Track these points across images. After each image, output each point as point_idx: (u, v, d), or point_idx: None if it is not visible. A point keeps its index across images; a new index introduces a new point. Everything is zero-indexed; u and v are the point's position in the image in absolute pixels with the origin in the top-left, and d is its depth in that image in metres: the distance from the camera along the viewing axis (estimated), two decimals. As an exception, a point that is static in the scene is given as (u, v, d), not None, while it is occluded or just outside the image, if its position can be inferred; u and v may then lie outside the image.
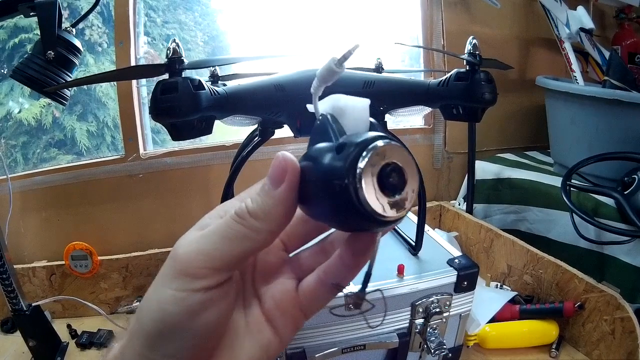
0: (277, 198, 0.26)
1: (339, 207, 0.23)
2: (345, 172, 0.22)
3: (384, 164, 0.23)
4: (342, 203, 0.23)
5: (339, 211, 0.24)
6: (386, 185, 0.23)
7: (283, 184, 0.25)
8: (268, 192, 0.26)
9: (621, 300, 0.78)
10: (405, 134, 1.35)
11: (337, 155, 0.23)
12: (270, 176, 0.26)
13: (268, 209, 0.26)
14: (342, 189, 0.22)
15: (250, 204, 0.26)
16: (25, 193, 1.12)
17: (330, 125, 0.26)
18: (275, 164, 0.26)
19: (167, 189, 1.18)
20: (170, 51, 0.60)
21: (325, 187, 0.23)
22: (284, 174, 0.25)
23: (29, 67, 0.73)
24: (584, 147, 1.09)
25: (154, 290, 0.26)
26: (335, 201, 0.23)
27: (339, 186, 0.22)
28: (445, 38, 1.33)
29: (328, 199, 0.24)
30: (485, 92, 0.68)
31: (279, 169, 0.26)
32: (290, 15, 1.35)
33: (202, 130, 0.62)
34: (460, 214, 1.22)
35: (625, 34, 1.35)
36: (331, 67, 0.28)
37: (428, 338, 0.73)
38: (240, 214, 0.26)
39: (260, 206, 0.26)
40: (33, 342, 0.89)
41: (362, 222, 0.23)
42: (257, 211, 0.26)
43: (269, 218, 0.26)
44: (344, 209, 0.23)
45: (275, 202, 0.26)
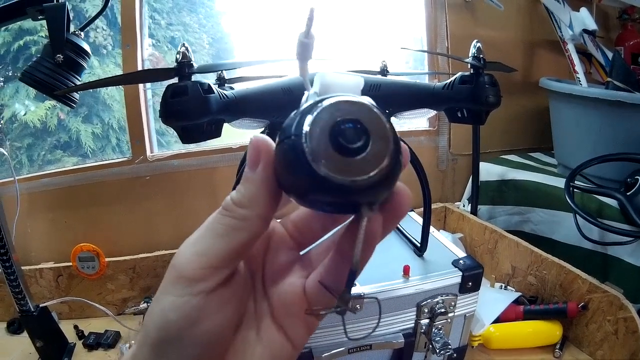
0: (257, 180, 0.25)
1: (293, 172, 0.21)
2: (295, 127, 0.21)
3: (337, 120, 0.20)
4: (295, 166, 0.21)
5: (294, 177, 0.22)
6: (339, 144, 0.20)
7: (259, 164, 0.25)
8: (248, 176, 0.25)
9: (624, 301, 0.79)
10: (410, 136, 1.36)
11: (291, 115, 0.22)
12: (247, 160, 0.25)
13: (251, 193, 0.25)
14: (290, 146, 0.21)
15: (234, 194, 0.25)
16: (32, 195, 1.13)
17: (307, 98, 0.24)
18: (250, 147, 0.25)
19: (174, 191, 1.18)
20: (180, 55, 0.60)
21: (279, 151, 0.22)
22: (259, 153, 0.25)
23: (38, 70, 0.74)
24: (587, 149, 1.10)
25: (157, 298, 0.25)
26: (289, 166, 0.22)
27: (288, 144, 0.21)
28: (449, 40, 1.34)
29: (284, 164, 0.22)
30: (489, 95, 0.68)
31: (253, 150, 0.25)
32: (295, 16, 1.36)
33: (211, 133, 0.63)
34: (465, 215, 1.22)
35: (628, 34, 1.36)
36: (301, 40, 0.27)
37: (433, 338, 0.74)
38: (226, 206, 0.25)
39: (243, 193, 0.25)
40: (40, 342, 0.90)
41: (319, 191, 0.21)
42: (241, 199, 0.25)
43: (253, 203, 0.25)
44: (297, 174, 0.21)
45: (257, 185, 0.25)
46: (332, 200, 0.21)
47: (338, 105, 0.21)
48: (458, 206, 1.34)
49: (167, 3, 1.42)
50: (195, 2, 1.44)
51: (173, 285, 0.25)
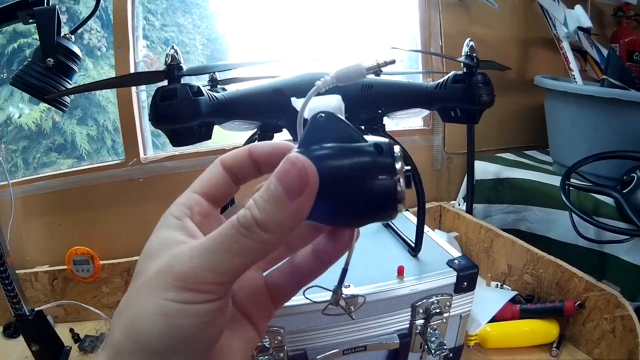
0: (292, 211, 0.23)
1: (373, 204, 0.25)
2: (392, 170, 0.24)
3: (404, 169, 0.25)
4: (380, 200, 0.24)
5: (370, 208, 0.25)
6: (407, 182, 0.25)
7: (302, 197, 0.23)
8: (281, 203, 0.23)
9: (621, 299, 0.79)
10: (404, 135, 1.36)
11: (379, 156, 0.24)
12: (286, 186, 0.23)
13: (280, 220, 0.23)
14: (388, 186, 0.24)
15: (258, 213, 0.23)
16: (26, 198, 1.13)
17: (350, 126, 0.26)
18: (293, 173, 0.23)
19: (168, 193, 1.18)
20: (169, 58, 0.60)
21: (365, 186, 0.24)
22: (304, 186, 0.23)
23: (29, 74, 0.74)
24: (583, 146, 1.09)
25: (148, 305, 0.23)
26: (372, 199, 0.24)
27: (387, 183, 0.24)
28: (443, 39, 1.34)
29: (364, 197, 0.24)
30: (482, 94, 0.68)
31: (298, 180, 0.23)
32: (289, 16, 1.35)
33: (201, 135, 0.63)
34: (460, 214, 1.22)
35: (623, 31, 1.36)
36: (361, 70, 0.28)
37: (429, 338, 0.73)
38: (247, 226, 0.23)
39: (271, 217, 0.23)
40: (36, 346, 0.90)
41: (382, 216, 0.25)
42: (267, 223, 0.23)
43: (280, 231, 0.23)
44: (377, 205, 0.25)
45: (290, 216, 0.23)
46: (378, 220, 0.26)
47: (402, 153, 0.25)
48: (453, 205, 1.34)
49: (161, 4, 1.42)
50: (190, 3, 1.44)
51: (178, 293, 0.23)
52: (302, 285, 0.30)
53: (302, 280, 0.30)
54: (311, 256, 0.29)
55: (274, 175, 0.24)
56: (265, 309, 0.30)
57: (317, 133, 0.26)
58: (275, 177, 0.23)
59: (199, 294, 0.23)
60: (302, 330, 0.68)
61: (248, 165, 0.28)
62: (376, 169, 0.24)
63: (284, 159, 0.24)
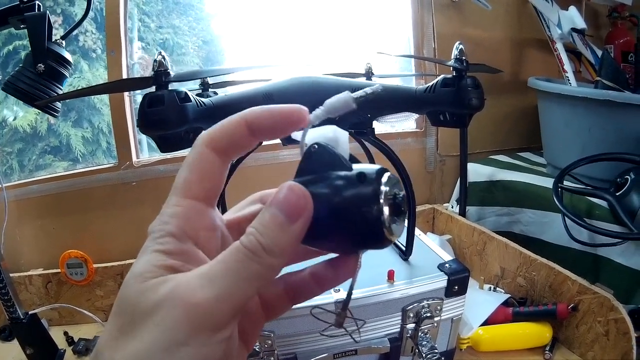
0: (293, 234, 0.24)
1: (357, 232, 0.25)
2: (373, 199, 0.24)
3: (394, 192, 0.25)
4: (362, 228, 0.24)
5: (355, 236, 0.25)
6: (395, 211, 0.25)
7: (300, 220, 0.24)
8: (284, 227, 0.24)
9: (615, 302, 0.78)
10: (397, 138, 1.36)
11: (360, 185, 0.25)
12: (286, 212, 0.24)
13: (284, 244, 0.24)
14: (369, 214, 0.24)
15: (263, 239, 0.23)
16: (20, 201, 1.13)
17: (338, 156, 0.26)
18: (292, 199, 0.24)
19: (161, 196, 1.14)
20: (156, 64, 0.60)
21: (348, 214, 0.24)
22: (303, 210, 0.24)
23: (20, 80, 0.74)
24: (576, 148, 1.09)
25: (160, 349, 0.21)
26: (355, 226, 0.24)
27: (367, 212, 0.24)
28: (436, 40, 1.33)
29: (347, 225, 0.25)
30: (472, 98, 0.68)
31: (297, 206, 0.24)
32: (283, 17, 1.35)
33: (189, 141, 0.63)
34: (453, 216, 1.22)
35: (618, 32, 1.35)
36: (348, 101, 0.27)
37: (420, 342, 0.73)
38: (256, 251, 0.23)
39: (275, 242, 0.24)
40: (30, 349, 0.90)
41: (369, 245, 0.25)
42: (273, 248, 0.23)
43: (284, 254, 0.24)
44: (361, 233, 0.25)
45: (291, 238, 0.24)
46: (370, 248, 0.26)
47: (393, 180, 0.25)
48: (447, 208, 1.33)
49: (156, 6, 1.42)
50: (185, 5, 1.44)
51: (190, 336, 0.21)
52: (296, 303, 0.30)
53: (296, 299, 0.30)
54: (309, 279, 0.29)
55: (274, 203, 0.24)
56: (257, 323, 0.29)
57: (310, 163, 0.27)
58: (276, 204, 0.24)
59: (213, 333, 0.22)
60: (293, 334, 0.68)
61: (244, 137, 0.27)
62: (358, 198, 0.24)
63: (283, 187, 0.25)
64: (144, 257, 0.24)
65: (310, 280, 0.29)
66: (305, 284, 0.29)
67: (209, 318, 0.22)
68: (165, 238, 0.24)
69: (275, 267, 0.24)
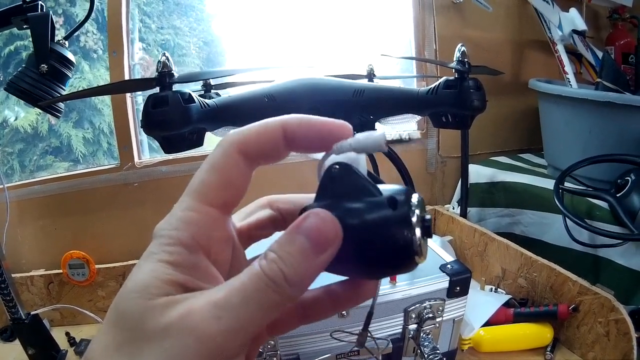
0: (318, 265, 0.22)
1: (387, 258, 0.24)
2: (406, 225, 0.23)
3: (423, 215, 0.24)
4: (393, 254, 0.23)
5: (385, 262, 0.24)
6: (425, 233, 0.24)
7: (328, 251, 0.22)
8: (309, 258, 0.22)
9: (615, 302, 0.79)
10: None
11: (392, 211, 0.24)
12: (314, 241, 0.22)
13: (307, 276, 0.22)
14: (402, 241, 0.23)
15: (286, 269, 0.21)
16: (22, 202, 1.13)
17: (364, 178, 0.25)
18: (322, 229, 0.22)
19: (163, 197, 1.17)
20: (160, 65, 0.60)
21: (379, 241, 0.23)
22: (333, 242, 0.22)
23: (23, 80, 0.74)
24: (577, 150, 1.10)
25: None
26: (385, 253, 0.24)
27: (400, 239, 0.23)
28: (437, 42, 1.33)
29: (377, 251, 0.24)
30: (474, 100, 0.68)
31: (327, 237, 0.22)
32: (284, 18, 1.36)
33: (193, 142, 0.63)
34: (455, 218, 1.22)
35: (618, 34, 1.36)
36: (380, 143, 0.25)
37: (421, 343, 0.73)
38: (277, 281, 0.21)
39: (298, 273, 0.22)
40: (32, 350, 0.90)
41: (399, 270, 0.24)
42: (295, 279, 0.21)
43: (305, 286, 0.22)
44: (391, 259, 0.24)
45: (316, 270, 0.22)
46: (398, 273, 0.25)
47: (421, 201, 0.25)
48: (448, 209, 1.34)
49: (157, 7, 1.42)
50: (186, 6, 1.44)
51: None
52: (305, 322, 0.28)
53: (306, 318, 0.28)
54: (325, 297, 0.27)
55: (303, 231, 0.22)
56: (259, 340, 0.28)
57: (333, 186, 0.25)
58: (304, 232, 0.22)
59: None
60: (295, 334, 0.68)
61: (279, 146, 0.24)
62: (391, 225, 0.23)
63: (310, 213, 0.23)
64: (148, 266, 0.21)
65: (326, 299, 0.27)
66: (319, 304, 0.27)
67: (222, 351, 0.20)
68: (174, 247, 0.22)
69: (293, 298, 0.22)
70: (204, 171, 0.23)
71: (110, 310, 0.21)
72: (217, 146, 0.24)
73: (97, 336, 0.21)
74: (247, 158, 0.23)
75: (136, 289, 0.21)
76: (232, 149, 0.23)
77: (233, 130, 0.24)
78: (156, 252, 0.22)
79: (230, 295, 0.21)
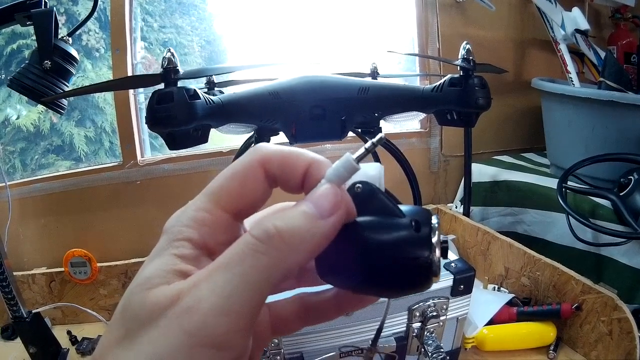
0: (320, 229, 0.21)
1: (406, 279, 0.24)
2: (428, 248, 0.24)
3: (442, 239, 0.25)
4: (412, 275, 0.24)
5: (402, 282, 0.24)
6: (443, 255, 0.24)
7: (334, 217, 0.21)
8: (311, 219, 0.21)
9: (618, 301, 0.79)
10: (401, 138, 1.36)
11: (415, 233, 0.24)
12: (319, 204, 0.21)
13: (306, 235, 0.21)
14: (423, 263, 0.23)
15: (282, 224, 0.20)
16: (24, 200, 1.13)
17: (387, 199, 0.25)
18: (329, 194, 0.22)
19: (165, 195, 1.18)
20: (165, 61, 0.60)
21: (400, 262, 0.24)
22: (338, 207, 0.22)
23: (26, 76, 0.74)
24: (580, 149, 1.10)
25: None
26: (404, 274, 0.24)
27: (421, 261, 0.24)
28: (440, 41, 1.34)
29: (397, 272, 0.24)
30: (479, 98, 0.68)
31: (333, 201, 0.22)
32: (286, 17, 1.36)
33: (198, 139, 0.63)
34: (457, 216, 1.22)
35: (620, 34, 1.36)
36: (351, 165, 0.24)
37: (425, 342, 0.73)
38: (263, 238, 0.20)
39: (296, 229, 0.20)
40: (33, 348, 0.90)
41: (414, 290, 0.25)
42: (291, 234, 0.20)
43: (303, 247, 0.21)
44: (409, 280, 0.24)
45: (317, 231, 0.21)
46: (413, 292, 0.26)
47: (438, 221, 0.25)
48: (450, 208, 1.34)
49: (159, 5, 1.42)
50: (188, 5, 1.44)
51: (191, 353, 0.18)
52: (308, 324, 0.27)
53: (310, 320, 0.27)
54: (331, 300, 0.26)
55: (306, 199, 0.22)
56: (263, 339, 0.26)
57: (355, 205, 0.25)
58: (309, 199, 0.22)
59: (217, 353, 0.19)
60: (299, 333, 0.68)
61: (298, 179, 0.24)
62: (413, 246, 0.24)
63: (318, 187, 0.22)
64: (156, 260, 0.21)
65: (330, 301, 0.26)
66: (326, 306, 0.27)
67: (213, 338, 0.19)
68: (182, 242, 0.22)
69: (289, 263, 0.20)
70: (225, 176, 0.23)
71: (117, 307, 0.21)
72: (244, 154, 0.24)
73: (103, 334, 0.21)
74: (268, 175, 0.23)
75: (140, 282, 0.20)
76: (255, 161, 0.23)
77: (264, 143, 0.24)
78: (165, 248, 0.22)
79: (211, 269, 0.20)
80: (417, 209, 0.25)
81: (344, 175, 0.24)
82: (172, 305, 0.19)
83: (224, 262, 0.20)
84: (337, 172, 0.23)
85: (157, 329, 0.19)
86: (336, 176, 0.23)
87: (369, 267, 0.24)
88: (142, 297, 0.20)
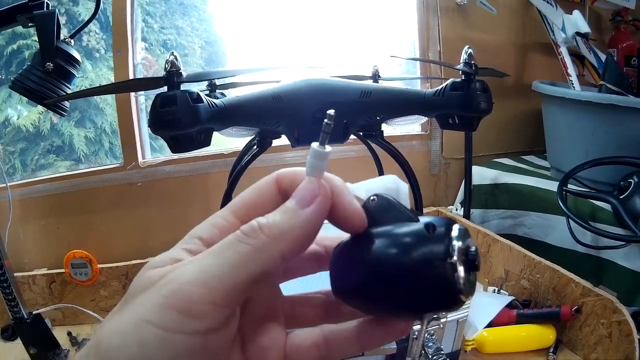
0: (300, 218, 0.23)
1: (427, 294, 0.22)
2: (446, 255, 0.21)
3: (467, 245, 0.23)
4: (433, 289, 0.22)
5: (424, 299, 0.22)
6: (470, 267, 0.22)
7: (312, 205, 0.23)
8: (290, 210, 0.23)
9: (618, 304, 0.79)
10: (402, 140, 1.36)
11: (430, 239, 0.22)
12: (298, 196, 0.23)
13: (285, 227, 0.22)
14: (442, 273, 0.21)
15: (263, 220, 0.23)
16: (24, 201, 1.13)
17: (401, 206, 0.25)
18: (305, 185, 0.23)
19: (166, 197, 1.18)
20: (168, 64, 0.60)
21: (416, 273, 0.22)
22: (315, 194, 0.23)
23: (28, 78, 0.74)
24: (580, 152, 1.10)
25: (131, 324, 0.21)
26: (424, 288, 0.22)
27: (440, 271, 0.21)
28: (441, 44, 1.34)
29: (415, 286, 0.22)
30: (481, 102, 0.68)
31: (310, 189, 0.23)
32: (287, 20, 1.36)
33: (201, 142, 0.63)
34: (458, 219, 1.22)
35: (621, 36, 1.36)
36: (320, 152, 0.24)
37: (426, 344, 0.73)
38: (248, 231, 0.22)
39: (275, 222, 0.23)
40: (34, 349, 0.90)
41: (440, 308, 0.23)
42: (271, 227, 0.22)
43: (283, 237, 0.22)
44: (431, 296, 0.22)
45: (296, 222, 0.23)
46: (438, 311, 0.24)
47: (465, 232, 0.23)
48: (451, 210, 1.34)
49: (159, 7, 1.42)
50: (188, 6, 1.44)
51: (162, 314, 0.20)
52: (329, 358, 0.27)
53: (330, 354, 0.26)
54: (352, 330, 0.26)
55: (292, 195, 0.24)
56: None
57: (369, 217, 0.25)
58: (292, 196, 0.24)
59: (188, 320, 0.21)
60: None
61: None
62: (426, 252, 0.22)
63: None
64: (167, 252, 0.24)
65: (354, 333, 0.26)
66: (346, 336, 0.26)
67: (183, 300, 0.21)
68: (194, 239, 0.24)
69: (268, 250, 0.22)
70: (247, 190, 0.26)
71: None
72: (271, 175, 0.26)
73: None
74: (280, 189, 0.25)
75: (145, 267, 0.23)
76: (272, 178, 0.26)
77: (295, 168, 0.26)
78: (179, 244, 0.25)
79: (199, 255, 0.23)
80: (438, 218, 0.23)
81: (318, 164, 0.24)
82: (161, 278, 0.22)
83: (213, 248, 0.23)
84: (311, 164, 0.24)
85: (143, 294, 0.21)
86: (312, 168, 0.24)
87: (378, 274, 0.23)
88: (140, 275, 0.23)
